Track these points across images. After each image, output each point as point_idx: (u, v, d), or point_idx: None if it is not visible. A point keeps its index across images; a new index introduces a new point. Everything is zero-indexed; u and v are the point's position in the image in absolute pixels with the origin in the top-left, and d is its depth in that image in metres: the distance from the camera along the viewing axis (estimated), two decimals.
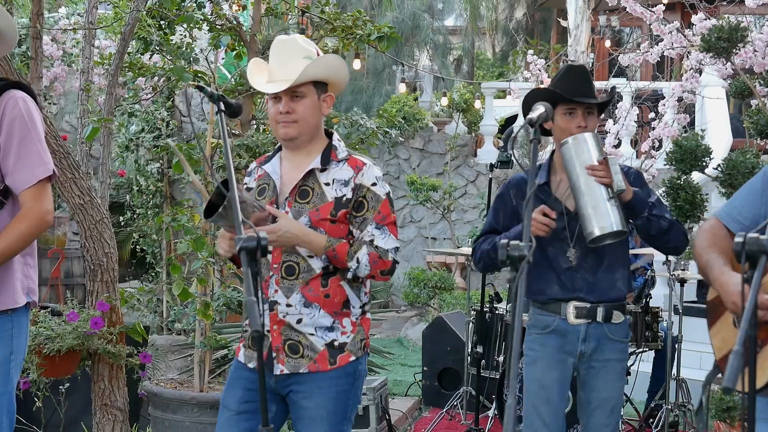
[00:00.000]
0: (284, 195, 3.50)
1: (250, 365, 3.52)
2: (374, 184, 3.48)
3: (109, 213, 10.07)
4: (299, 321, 3.44)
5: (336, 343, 3.46)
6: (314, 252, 3.42)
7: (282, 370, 3.45)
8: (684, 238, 4.11)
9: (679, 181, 4.99)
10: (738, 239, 2.27)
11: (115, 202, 12.56)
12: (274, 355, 3.46)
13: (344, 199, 3.45)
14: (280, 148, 3.64)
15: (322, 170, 3.49)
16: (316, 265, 3.44)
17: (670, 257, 6.55)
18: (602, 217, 3.83)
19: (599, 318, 4.07)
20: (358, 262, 3.41)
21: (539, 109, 3.09)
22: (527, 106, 4.02)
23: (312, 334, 3.44)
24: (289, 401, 3.51)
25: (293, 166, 3.55)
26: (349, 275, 3.45)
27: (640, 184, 4.13)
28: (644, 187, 4.13)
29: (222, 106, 3.25)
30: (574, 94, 4.01)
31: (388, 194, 3.52)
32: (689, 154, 4.87)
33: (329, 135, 3.61)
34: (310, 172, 3.49)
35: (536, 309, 4.22)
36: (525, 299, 4.38)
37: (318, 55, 3.53)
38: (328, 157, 3.51)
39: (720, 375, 3.25)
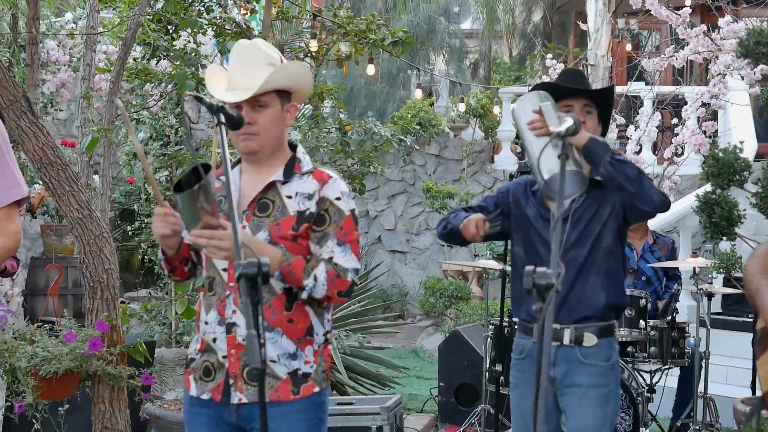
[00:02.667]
0: (242, 208, 3.23)
1: (204, 396, 3.23)
2: (338, 199, 3.22)
3: (120, 220, 9.82)
4: (261, 346, 3.15)
5: (299, 372, 3.19)
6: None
7: (240, 399, 3.16)
8: (659, 193, 3.69)
9: (713, 196, 4.70)
10: None
11: (126, 209, 12.38)
12: (231, 382, 3.17)
13: (307, 213, 3.19)
14: (240, 160, 3.37)
15: (284, 182, 3.24)
16: (278, 285, 3.16)
17: (697, 268, 6.30)
18: (547, 162, 3.43)
19: (566, 341, 3.79)
20: (315, 279, 3.13)
21: (567, 121, 2.82)
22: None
23: (274, 361, 3.16)
24: None
25: (253, 180, 3.28)
26: (304, 295, 3.15)
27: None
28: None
29: (222, 118, 3.03)
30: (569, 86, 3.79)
31: (352, 211, 3.26)
32: (727, 167, 4.58)
33: (293, 147, 3.36)
34: (271, 185, 3.24)
35: (518, 331, 4.01)
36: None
37: (282, 62, 3.26)
38: (291, 169, 3.27)
39: (766, 409, 3.07)
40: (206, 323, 3.23)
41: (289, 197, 3.22)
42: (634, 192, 3.64)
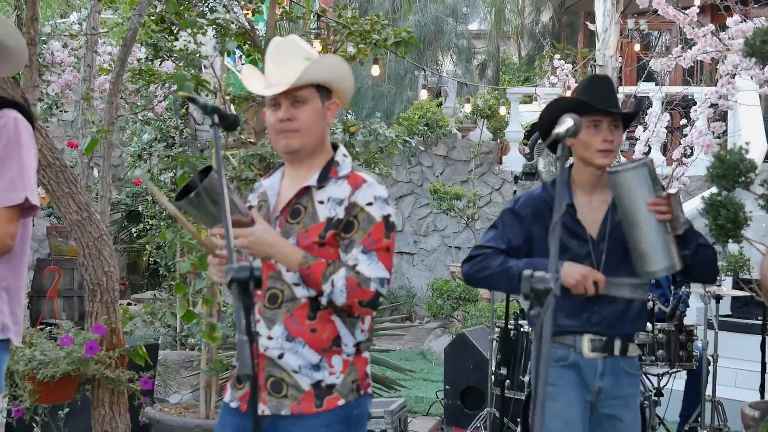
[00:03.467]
0: (276, 213, 3.12)
1: (233, 405, 3.15)
2: (370, 204, 3.05)
3: (127, 222, 9.81)
4: (281, 356, 3.04)
5: (323, 384, 3.04)
6: (288, 266, 3.01)
7: (263, 411, 3.04)
8: (718, 269, 3.81)
9: (719, 198, 4.63)
10: None
11: (133, 210, 12.35)
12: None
13: (335, 219, 3.04)
14: (283, 163, 3.25)
15: (319, 187, 3.10)
16: (301, 293, 3.03)
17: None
18: (662, 256, 3.56)
19: (616, 351, 3.73)
20: (332, 285, 2.97)
21: (567, 122, 2.74)
22: (550, 117, 3.67)
23: (296, 372, 3.03)
24: None
25: (292, 183, 3.16)
26: (324, 300, 3.00)
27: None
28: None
29: (216, 119, 2.97)
30: (600, 104, 3.66)
31: (386, 217, 3.07)
32: (732, 169, 4.50)
33: (335, 147, 3.21)
34: (306, 190, 3.10)
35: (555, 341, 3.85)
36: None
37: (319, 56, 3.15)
38: (327, 173, 3.12)
39: None
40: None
41: (321, 203, 3.08)
42: (706, 272, 3.79)
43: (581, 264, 3.65)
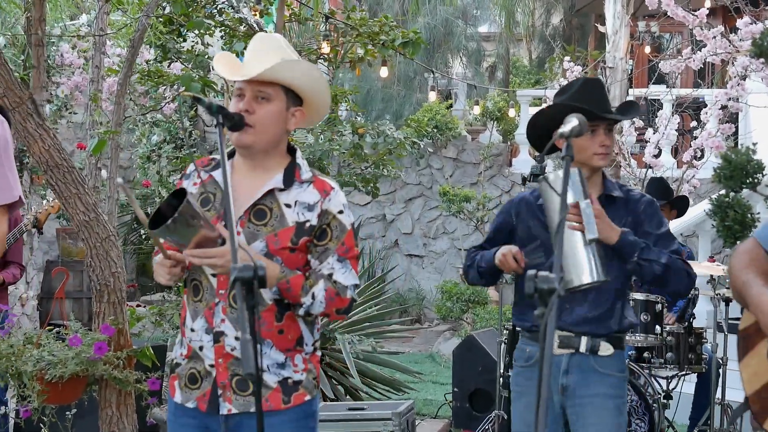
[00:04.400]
0: (237, 213, 3.05)
1: (189, 405, 3.11)
2: (341, 212, 3.10)
3: (136, 224, 9.86)
4: None
5: (290, 381, 3.10)
6: (267, 282, 2.94)
7: (230, 410, 3.04)
8: (687, 280, 3.75)
9: (727, 199, 4.61)
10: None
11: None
12: (219, 392, 3.06)
13: (307, 225, 3.06)
14: (232, 154, 3.19)
15: (282, 190, 3.09)
16: (267, 295, 3.03)
17: (714, 275, 6.22)
18: (576, 267, 3.45)
19: (582, 349, 3.73)
20: (313, 297, 3.03)
21: (572, 122, 2.74)
22: (551, 120, 3.68)
23: (264, 371, 3.06)
24: None
25: (247, 180, 3.11)
26: (301, 311, 3.05)
27: (649, 215, 3.80)
28: (653, 219, 3.80)
29: (221, 119, 2.97)
30: (598, 109, 3.69)
31: (353, 225, 3.15)
32: (739, 170, 4.49)
33: (291, 151, 3.19)
34: (270, 191, 3.08)
35: (523, 337, 3.93)
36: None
37: None
38: (291, 176, 3.11)
39: (749, 411, 3.06)
40: (192, 330, 3.11)
41: (288, 206, 3.08)
42: (662, 286, 3.78)
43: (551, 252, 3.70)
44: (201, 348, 3.09)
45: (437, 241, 14.07)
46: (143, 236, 10.54)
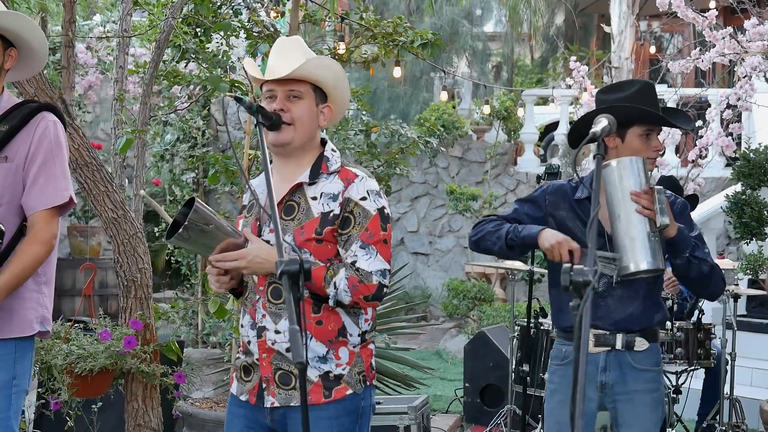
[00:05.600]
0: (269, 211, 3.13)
1: (242, 398, 3.23)
2: (364, 198, 3.13)
3: (144, 223, 9.99)
4: (288, 349, 3.08)
5: (331, 375, 3.13)
6: None
7: (273, 403, 3.13)
8: (722, 284, 3.81)
9: (744, 197, 4.73)
10: None
11: (150, 211, 12.45)
12: (264, 386, 3.15)
13: (331, 215, 3.11)
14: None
15: (311, 184, 3.17)
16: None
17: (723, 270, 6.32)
18: (639, 252, 3.45)
19: (619, 345, 3.78)
20: (335, 288, 3.06)
21: (602, 122, 2.85)
22: (575, 133, 3.77)
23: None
24: None
25: (282, 179, 3.21)
26: (331, 303, 3.09)
27: (685, 217, 3.83)
28: (688, 221, 3.84)
29: (260, 118, 3.08)
30: (655, 114, 3.69)
31: (381, 210, 3.15)
32: (758, 168, 4.60)
33: (323, 143, 3.28)
34: (298, 186, 3.17)
35: (559, 337, 3.97)
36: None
37: None
38: (317, 169, 3.18)
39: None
40: (242, 326, 3.23)
41: (314, 198, 3.14)
42: (699, 287, 3.83)
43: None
44: (249, 342, 3.20)
45: (443, 239, 14.16)
46: (156, 233, 10.63)
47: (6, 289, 3.29)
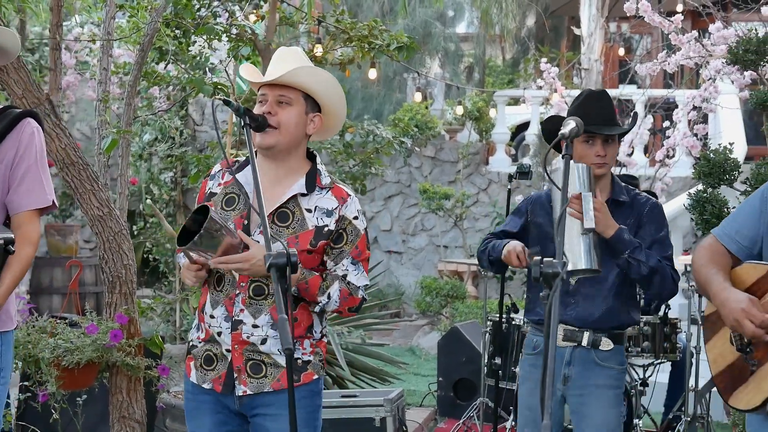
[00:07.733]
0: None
1: (206, 386, 3.40)
2: (356, 218, 3.40)
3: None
4: (264, 341, 3.32)
5: (299, 361, 3.37)
6: None
7: (245, 392, 3.35)
8: (671, 286, 4.03)
9: (705, 195, 4.95)
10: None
11: (131, 210, 12.55)
12: (235, 375, 3.35)
13: (326, 229, 3.35)
14: (247, 160, 3.43)
15: (305, 195, 3.36)
16: None
17: (689, 267, 6.51)
18: (575, 254, 3.70)
19: (585, 343, 4.04)
20: (329, 297, 3.35)
21: (570, 124, 3.05)
22: (551, 125, 4.04)
23: (276, 354, 3.34)
24: (253, 424, 3.39)
25: (271, 181, 3.37)
26: (317, 309, 3.38)
27: (653, 218, 4.08)
28: (657, 222, 4.09)
29: (247, 120, 3.24)
30: (595, 121, 3.96)
31: (366, 230, 3.45)
32: (718, 167, 4.83)
33: (311, 157, 3.47)
34: (293, 196, 3.36)
35: (531, 328, 4.24)
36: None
37: None
38: (313, 182, 3.38)
39: (715, 388, 3.33)
40: (212, 317, 3.38)
41: (309, 211, 3.34)
42: (645, 288, 4.12)
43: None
44: (219, 333, 3.37)
45: (415, 238, 14.32)
46: (134, 231, 10.74)
47: (9, 292, 3.48)
